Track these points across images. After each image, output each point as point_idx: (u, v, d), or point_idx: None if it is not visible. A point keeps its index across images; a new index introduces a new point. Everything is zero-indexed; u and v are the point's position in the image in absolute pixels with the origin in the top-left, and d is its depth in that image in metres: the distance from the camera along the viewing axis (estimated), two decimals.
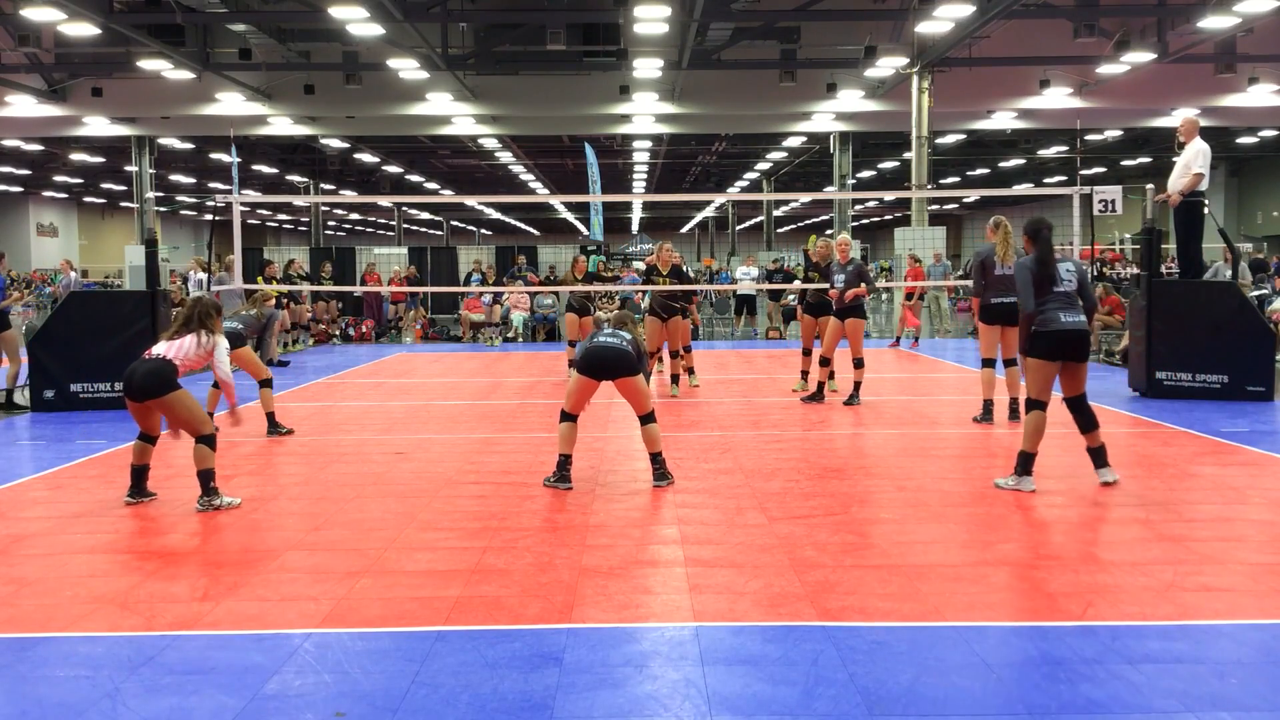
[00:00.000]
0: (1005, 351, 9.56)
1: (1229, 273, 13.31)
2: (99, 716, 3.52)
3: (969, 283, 10.46)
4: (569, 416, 6.90)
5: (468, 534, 5.77)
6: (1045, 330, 6.56)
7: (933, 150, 26.19)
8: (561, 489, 6.78)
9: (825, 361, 10.95)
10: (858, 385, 10.66)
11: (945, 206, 57.45)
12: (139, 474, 6.58)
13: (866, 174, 42.25)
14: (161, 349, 6.51)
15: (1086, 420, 6.73)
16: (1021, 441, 6.69)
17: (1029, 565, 5.11)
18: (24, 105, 24.48)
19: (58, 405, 10.67)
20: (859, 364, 10.67)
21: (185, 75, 22.68)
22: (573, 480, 6.90)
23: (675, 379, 11.70)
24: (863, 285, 10.58)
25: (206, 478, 6.38)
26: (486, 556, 5.31)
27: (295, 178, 40.92)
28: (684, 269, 12.09)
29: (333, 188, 44.28)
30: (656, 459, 6.96)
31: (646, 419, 6.92)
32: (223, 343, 6.79)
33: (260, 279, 17.83)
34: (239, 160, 28.02)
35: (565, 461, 6.87)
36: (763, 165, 40.39)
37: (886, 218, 58.29)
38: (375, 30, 18.75)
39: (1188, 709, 3.49)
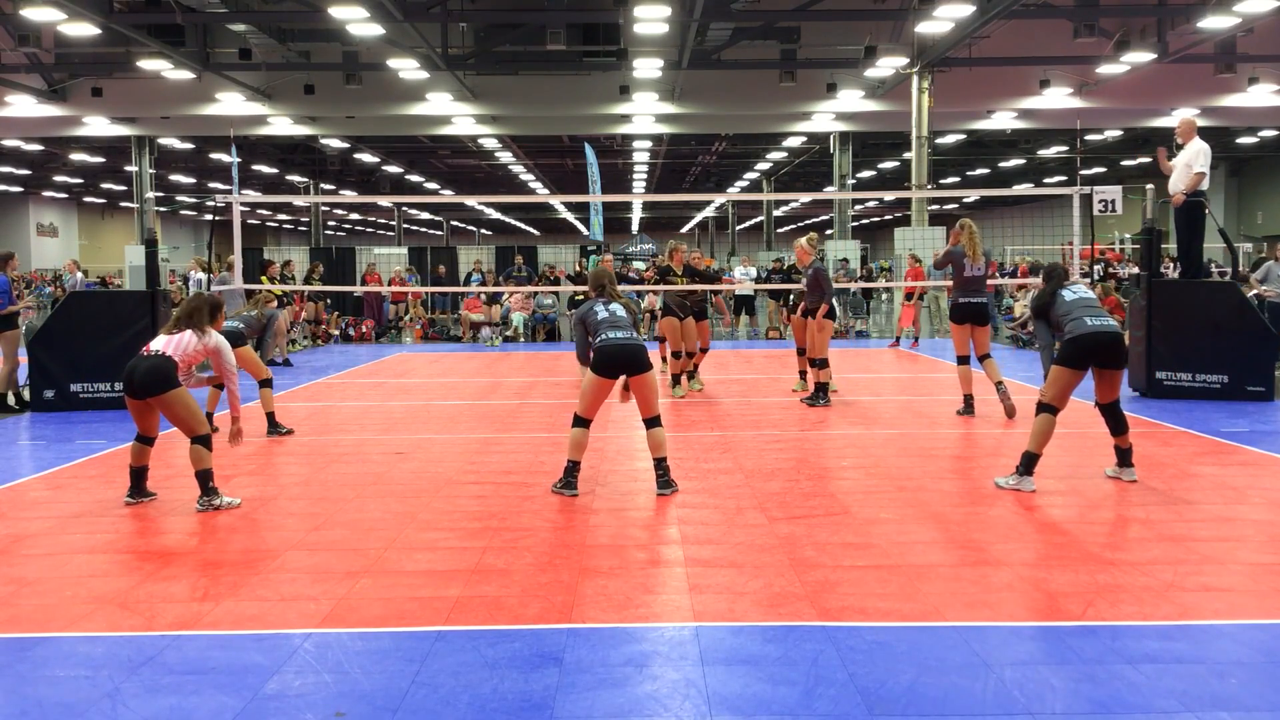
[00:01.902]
0: (978, 349, 9.96)
1: None
2: (99, 716, 3.52)
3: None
4: (582, 421, 6.67)
5: (468, 534, 5.77)
6: (1075, 336, 6.55)
7: (933, 150, 26.18)
8: (568, 495, 6.64)
9: (823, 363, 10.93)
10: (818, 386, 10.68)
11: (945, 206, 57.38)
12: (138, 475, 6.57)
13: (866, 174, 42.23)
14: (160, 344, 6.49)
15: (1119, 424, 6.81)
16: (1029, 442, 6.69)
17: (1029, 565, 5.11)
18: (24, 105, 24.47)
19: (58, 405, 10.67)
20: (815, 364, 10.69)
21: (185, 75, 22.68)
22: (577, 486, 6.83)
23: (676, 380, 11.65)
24: (820, 297, 10.60)
25: (205, 478, 6.38)
26: (486, 556, 5.31)
27: (295, 178, 40.90)
28: (702, 268, 12.01)
29: (333, 188, 44.26)
30: (661, 464, 6.76)
31: (653, 422, 6.70)
32: (225, 343, 6.78)
33: (264, 278, 17.83)
34: (239, 160, 28.03)
35: (574, 468, 6.66)
36: (763, 165, 40.37)
37: (886, 218, 58.30)
38: (375, 30, 18.75)
39: (1188, 709, 3.49)
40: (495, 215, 56.52)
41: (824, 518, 6.04)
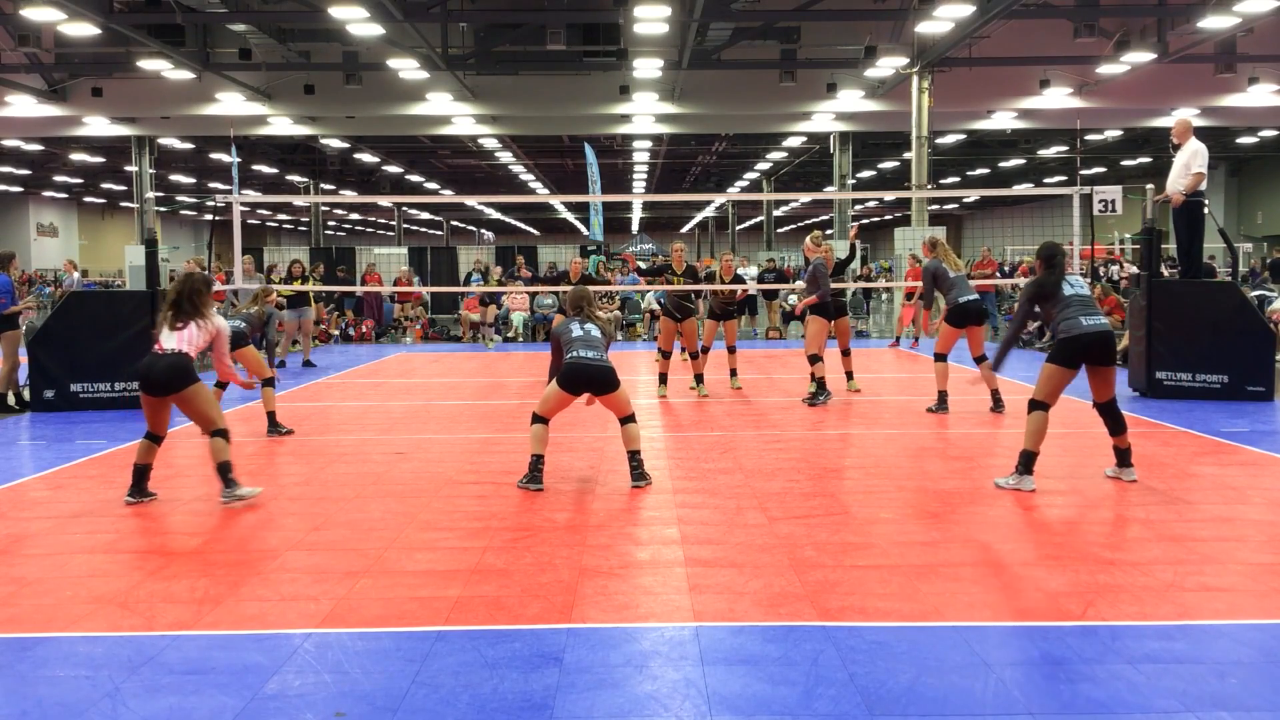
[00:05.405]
0: (974, 350, 10.10)
1: None
2: (99, 716, 3.52)
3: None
4: (541, 419, 6.92)
5: (468, 534, 5.77)
6: (1069, 336, 6.54)
7: (933, 150, 26.18)
8: (533, 490, 6.77)
9: (811, 359, 10.87)
10: (819, 383, 10.74)
11: (945, 206, 57.43)
12: (141, 473, 6.58)
13: (866, 174, 42.22)
14: (173, 342, 6.50)
15: (1117, 424, 6.79)
16: (1024, 440, 6.70)
17: (1029, 565, 5.11)
18: (24, 105, 24.47)
19: (58, 405, 10.67)
20: (811, 360, 10.74)
21: (185, 75, 22.68)
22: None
23: (699, 378, 11.63)
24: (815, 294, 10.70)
25: (225, 470, 6.44)
26: (486, 556, 5.31)
27: (295, 178, 40.89)
28: (698, 270, 11.99)
29: (333, 188, 44.25)
30: (634, 457, 6.98)
31: (627, 420, 6.98)
32: (224, 324, 6.85)
33: (277, 279, 17.81)
34: (239, 160, 28.03)
35: (538, 462, 6.87)
36: (763, 165, 40.36)
37: (886, 218, 58.29)
38: (375, 30, 18.75)
39: (1188, 709, 3.49)
40: (495, 215, 56.51)
41: (824, 518, 6.04)
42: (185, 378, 6.38)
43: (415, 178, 43.62)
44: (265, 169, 38.43)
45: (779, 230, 54.42)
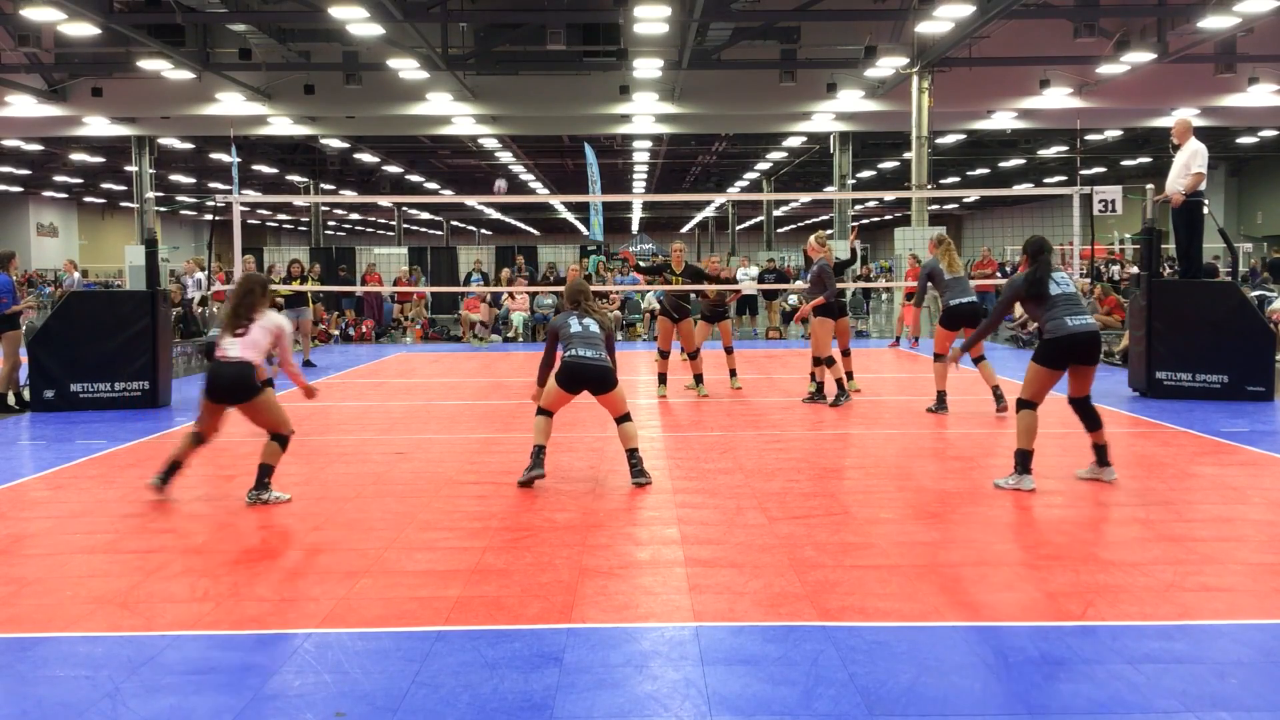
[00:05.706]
0: (972, 352, 9.97)
1: None
2: (99, 716, 3.52)
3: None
4: (545, 412, 6.99)
5: (468, 534, 5.77)
6: (1056, 337, 6.52)
7: (933, 150, 26.19)
8: (535, 476, 6.84)
9: (825, 361, 10.87)
10: (820, 385, 10.79)
11: (945, 206, 57.44)
12: (175, 468, 6.62)
13: (866, 174, 42.24)
14: (236, 350, 6.45)
15: (1091, 421, 6.76)
16: (1017, 440, 6.70)
17: (1029, 565, 5.11)
18: (24, 105, 24.48)
19: (58, 405, 10.67)
20: (819, 362, 10.73)
21: (185, 75, 22.69)
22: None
23: (699, 379, 11.62)
24: (821, 296, 10.59)
25: (265, 472, 6.49)
26: (486, 556, 5.31)
27: (295, 178, 40.90)
28: (699, 269, 11.98)
29: (333, 188, 44.26)
30: (633, 455, 6.99)
31: (623, 419, 7.01)
32: (283, 320, 6.82)
33: (277, 279, 17.81)
34: (239, 160, 28.02)
35: (539, 451, 6.91)
36: (763, 165, 40.37)
37: (886, 218, 58.30)
38: (375, 30, 18.76)
39: (1188, 709, 3.49)
40: (495, 215, 56.51)
41: (824, 518, 6.04)
42: (249, 390, 6.40)
43: (415, 178, 43.64)
44: (265, 169, 38.44)
45: (779, 230, 54.43)
